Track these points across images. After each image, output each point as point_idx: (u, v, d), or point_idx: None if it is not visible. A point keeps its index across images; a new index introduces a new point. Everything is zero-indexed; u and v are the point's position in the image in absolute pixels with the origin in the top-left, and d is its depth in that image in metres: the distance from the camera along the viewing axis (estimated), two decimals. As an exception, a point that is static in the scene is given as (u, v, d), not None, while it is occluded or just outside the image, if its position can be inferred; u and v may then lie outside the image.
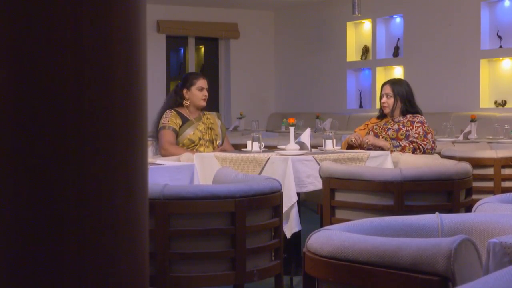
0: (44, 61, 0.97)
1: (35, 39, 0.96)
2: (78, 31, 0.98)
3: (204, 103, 5.23)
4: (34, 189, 0.96)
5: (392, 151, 4.97)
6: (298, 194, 4.35)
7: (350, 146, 5.17)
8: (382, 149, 5.05)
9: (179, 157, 4.76)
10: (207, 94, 5.25)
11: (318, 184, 4.29)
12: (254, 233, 3.22)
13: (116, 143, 1.01)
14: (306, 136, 4.93)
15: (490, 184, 5.25)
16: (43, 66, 0.96)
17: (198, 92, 5.20)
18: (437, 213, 2.17)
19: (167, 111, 5.20)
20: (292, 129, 4.74)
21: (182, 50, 12.66)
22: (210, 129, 5.25)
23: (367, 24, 10.97)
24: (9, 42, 0.96)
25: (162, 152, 5.03)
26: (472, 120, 7.65)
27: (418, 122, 5.14)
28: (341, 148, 5.19)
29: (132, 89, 1.04)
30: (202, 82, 5.23)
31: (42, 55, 0.96)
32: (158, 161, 4.34)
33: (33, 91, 0.96)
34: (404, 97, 5.21)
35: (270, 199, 3.28)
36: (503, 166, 5.25)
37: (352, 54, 11.16)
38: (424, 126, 5.12)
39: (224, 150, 5.10)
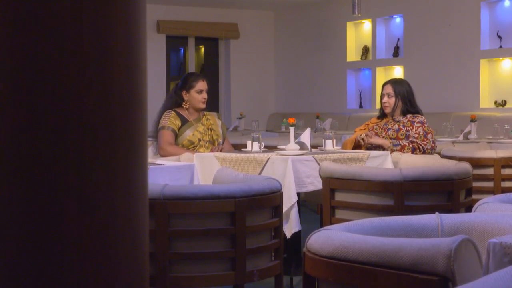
0: (44, 61, 0.97)
1: (35, 39, 0.96)
2: (78, 31, 0.98)
3: (203, 106, 5.21)
4: (34, 189, 0.96)
5: (392, 150, 4.98)
6: (298, 194, 4.35)
7: (356, 146, 5.16)
8: (382, 148, 5.05)
9: (179, 157, 4.76)
10: (206, 96, 5.22)
11: (318, 184, 4.29)
12: (254, 233, 3.22)
13: (116, 143, 1.01)
14: (306, 136, 4.93)
15: (490, 184, 5.25)
16: (44, 67, 0.96)
17: (197, 95, 5.18)
18: (437, 213, 2.17)
19: (166, 111, 5.19)
20: (292, 129, 4.73)
21: (182, 50, 12.66)
22: (210, 130, 5.25)
23: (367, 24, 10.97)
24: (10, 43, 0.96)
25: (161, 152, 5.03)
26: (472, 120, 7.65)
27: (418, 122, 5.14)
28: (345, 148, 5.18)
29: (132, 89, 1.04)
30: (201, 84, 5.21)
31: (43, 56, 0.96)
32: (158, 161, 4.34)
33: (33, 91, 0.96)
34: (405, 97, 5.21)
35: (270, 199, 3.28)
36: (503, 166, 5.25)
37: (352, 54, 11.16)
38: (424, 126, 5.12)
39: (222, 149, 5.09)
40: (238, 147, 5.53)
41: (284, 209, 3.97)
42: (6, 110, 0.96)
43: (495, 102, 9.06)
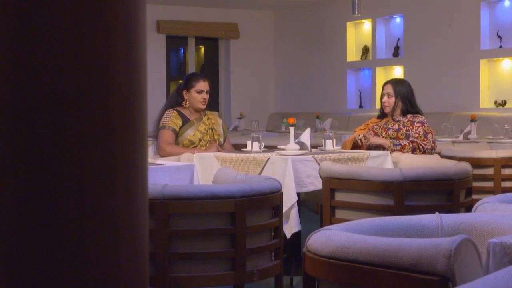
0: (44, 61, 0.96)
1: (35, 39, 0.96)
2: (78, 31, 0.98)
3: (202, 106, 5.20)
4: (34, 189, 0.96)
5: (392, 150, 4.98)
6: (298, 194, 4.35)
7: (355, 146, 5.16)
8: (382, 148, 5.06)
9: (179, 157, 4.76)
10: (206, 97, 5.21)
11: (318, 184, 4.29)
12: (254, 233, 3.22)
13: (116, 143, 1.01)
14: (306, 136, 4.93)
15: (490, 184, 5.25)
16: (43, 66, 0.96)
17: (196, 95, 5.18)
18: (437, 213, 2.17)
19: (168, 110, 5.18)
20: (292, 129, 4.74)
21: (182, 50, 12.66)
22: (211, 130, 5.24)
23: (367, 24, 10.97)
24: (9, 42, 0.96)
25: (160, 152, 5.01)
26: (472, 120, 7.65)
27: (418, 122, 5.14)
28: (345, 148, 5.19)
29: (132, 89, 1.04)
30: (201, 85, 5.20)
31: (42, 55, 0.96)
32: (158, 161, 4.34)
33: (33, 91, 0.96)
34: (405, 97, 5.21)
35: (270, 199, 3.28)
36: (503, 166, 5.25)
37: (352, 54, 11.16)
38: (424, 126, 5.12)
39: (222, 149, 5.09)
40: (238, 147, 5.53)
41: (284, 209, 3.97)
42: (6, 110, 0.96)
43: (495, 102, 9.05)
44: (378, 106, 6.89)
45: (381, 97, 5.30)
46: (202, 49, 12.76)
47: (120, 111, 1.02)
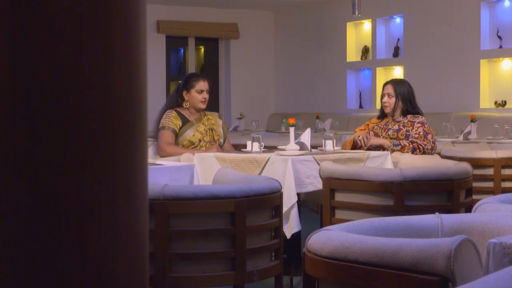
0: (44, 61, 0.97)
1: (35, 39, 0.96)
2: (78, 32, 0.98)
3: (203, 106, 5.20)
4: (34, 189, 0.96)
5: (392, 150, 4.98)
6: (298, 194, 4.35)
7: (355, 146, 5.16)
8: (382, 148, 5.06)
9: (179, 157, 4.76)
10: (206, 96, 5.21)
11: (318, 184, 4.29)
12: (254, 233, 3.22)
13: (116, 143, 1.01)
14: (306, 137, 4.93)
15: (490, 184, 5.25)
16: (43, 66, 0.96)
17: (197, 95, 5.18)
18: (437, 213, 2.17)
19: (168, 111, 5.18)
20: (292, 130, 4.74)
21: (182, 50, 12.66)
22: (211, 130, 5.24)
23: (367, 25, 10.97)
24: (10, 42, 0.96)
25: (160, 153, 5.01)
26: (472, 120, 7.65)
27: (418, 122, 5.14)
28: (344, 148, 5.19)
29: (132, 89, 1.04)
30: (201, 85, 5.20)
31: (42, 55, 0.96)
32: (158, 161, 4.34)
33: (33, 91, 0.96)
34: (406, 97, 5.21)
35: (270, 199, 3.28)
36: (503, 166, 5.25)
37: (352, 54, 11.16)
38: (425, 127, 5.12)
39: (222, 150, 5.09)
40: (238, 147, 5.53)
41: (284, 209, 3.97)
42: (6, 110, 0.96)
43: (495, 102, 9.06)
44: (378, 106, 6.89)
45: (382, 97, 5.30)
46: (202, 49, 12.76)
47: (120, 111, 1.02)
